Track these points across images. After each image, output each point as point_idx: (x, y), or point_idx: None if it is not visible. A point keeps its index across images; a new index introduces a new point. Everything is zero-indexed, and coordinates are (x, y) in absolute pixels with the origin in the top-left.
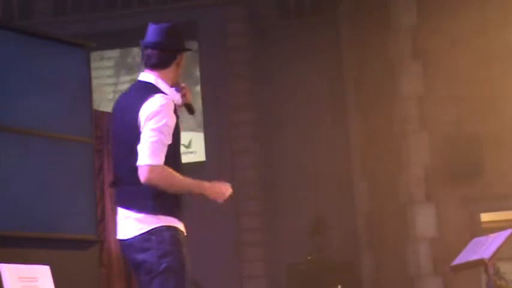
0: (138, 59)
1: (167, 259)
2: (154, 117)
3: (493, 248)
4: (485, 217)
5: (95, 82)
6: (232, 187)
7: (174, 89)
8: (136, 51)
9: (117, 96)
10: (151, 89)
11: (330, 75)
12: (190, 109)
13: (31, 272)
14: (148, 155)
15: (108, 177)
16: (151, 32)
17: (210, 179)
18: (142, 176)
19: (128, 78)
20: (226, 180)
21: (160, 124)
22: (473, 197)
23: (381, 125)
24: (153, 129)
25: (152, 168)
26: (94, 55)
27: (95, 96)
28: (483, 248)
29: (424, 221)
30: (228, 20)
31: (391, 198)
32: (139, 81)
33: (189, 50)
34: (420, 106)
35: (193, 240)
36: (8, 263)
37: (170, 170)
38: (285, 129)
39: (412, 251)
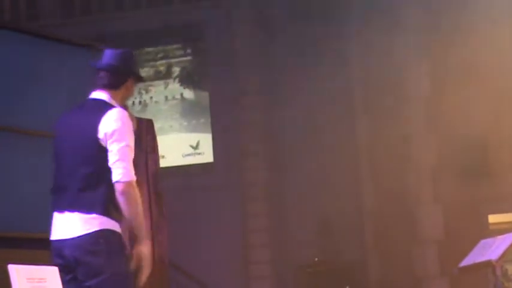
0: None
1: (116, 262)
2: (122, 132)
3: (500, 250)
4: (492, 219)
5: None
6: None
7: None
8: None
9: None
10: (106, 105)
11: (337, 75)
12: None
13: (39, 273)
14: (129, 170)
15: None
16: (106, 55)
17: (218, 180)
18: (123, 188)
19: None
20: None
21: (127, 137)
22: (481, 198)
23: (388, 125)
24: (127, 145)
25: (128, 183)
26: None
27: None
28: (491, 249)
29: (432, 222)
30: (235, 21)
31: (398, 200)
32: (92, 99)
33: (139, 76)
34: (428, 107)
35: (201, 241)
36: (17, 263)
37: (137, 191)
38: (293, 130)
39: (419, 252)
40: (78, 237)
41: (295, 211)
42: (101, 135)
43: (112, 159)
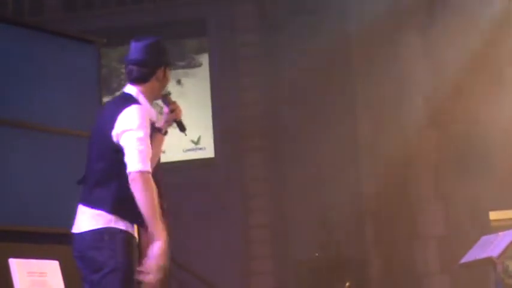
0: None
1: (116, 260)
2: (134, 128)
3: (501, 246)
4: (493, 215)
5: None
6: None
7: (162, 104)
8: None
9: None
10: (128, 100)
11: (339, 72)
12: (180, 126)
13: (40, 267)
14: (139, 160)
15: None
16: (132, 49)
17: (219, 175)
18: (131, 179)
19: None
20: (235, 176)
21: (139, 127)
22: (482, 195)
23: (389, 123)
24: (139, 138)
25: (141, 173)
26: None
27: None
28: (492, 246)
29: (433, 219)
30: (237, 17)
31: (399, 196)
32: (122, 92)
33: (168, 64)
34: (429, 103)
35: (201, 236)
36: (17, 257)
37: (154, 185)
38: (294, 126)
39: (420, 249)
40: (85, 232)
41: (296, 207)
42: (115, 131)
43: (125, 153)
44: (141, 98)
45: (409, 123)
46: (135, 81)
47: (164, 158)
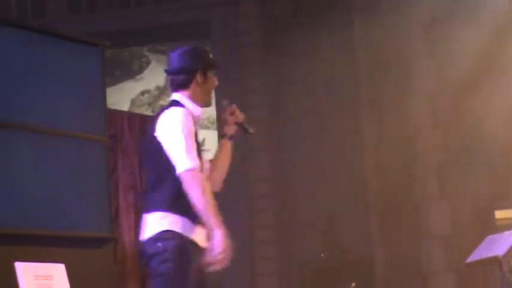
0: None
1: (166, 266)
2: (174, 129)
3: (507, 245)
4: (499, 214)
5: None
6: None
7: (225, 101)
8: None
9: None
10: (171, 105)
11: (342, 71)
12: (243, 128)
13: (46, 270)
14: (184, 159)
15: (122, 175)
16: (170, 59)
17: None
18: (182, 179)
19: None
20: (239, 177)
21: (182, 129)
22: (488, 193)
23: (394, 121)
24: (181, 138)
25: (190, 171)
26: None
27: None
28: (497, 245)
29: (438, 218)
30: (240, 18)
31: (404, 195)
32: (170, 100)
33: (208, 66)
34: (434, 103)
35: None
36: (23, 261)
37: (205, 183)
38: (298, 126)
39: (426, 248)
40: (145, 240)
41: (302, 207)
42: (157, 133)
43: (170, 155)
44: (184, 101)
45: (413, 123)
46: (176, 88)
47: None
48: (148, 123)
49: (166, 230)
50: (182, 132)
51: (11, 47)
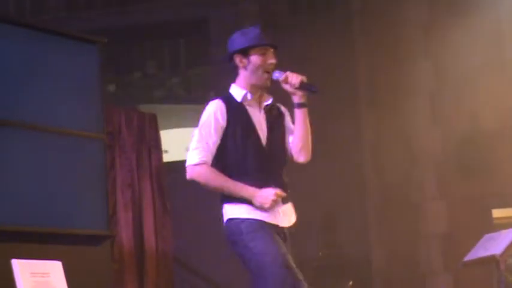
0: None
1: (247, 248)
2: (200, 122)
3: (504, 244)
4: (496, 213)
5: None
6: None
7: (276, 73)
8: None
9: None
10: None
11: (342, 71)
12: (307, 89)
13: (43, 267)
14: (188, 155)
15: (120, 173)
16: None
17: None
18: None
19: None
20: None
21: (200, 125)
22: (485, 193)
23: (393, 120)
24: (197, 133)
25: (189, 167)
26: None
27: None
28: (495, 244)
29: (436, 217)
30: (239, 16)
31: (402, 195)
32: None
33: (241, 48)
34: (433, 102)
35: (205, 236)
36: (20, 258)
37: (209, 170)
38: None
39: (424, 247)
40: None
41: (300, 205)
42: None
43: None
44: (232, 89)
45: (412, 123)
46: (233, 76)
47: (167, 158)
48: (145, 119)
49: (229, 218)
50: (199, 128)
51: (9, 44)
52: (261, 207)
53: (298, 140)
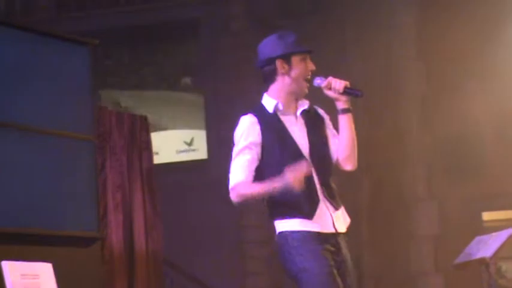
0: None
1: (286, 267)
2: (234, 141)
3: (495, 247)
4: (487, 216)
5: None
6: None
7: (317, 80)
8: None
9: None
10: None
11: (332, 73)
12: (350, 94)
13: (33, 269)
14: (230, 178)
15: (110, 174)
16: (258, 51)
17: (212, 176)
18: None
19: None
20: (228, 178)
21: (235, 145)
22: (476, 195)
23: (384, 122)
24: (234, 152)
25: (230, 191)
26: None
27: None
28: (485, 246)
29: (427, 219)
30: (230, 18)
31: (393, 196)
32: None
33: (285, 54)
34: (424, 104)
35: (195, 238)
36: (10, 260)
37: (239, 186)
38: None
39: (414, 248)
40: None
41: None
42: None
43: None
44: (265, 100)
45: (403, 124)
46: (265, 83)
47: (157, 160)
48: (136, 121)
49: (281, 231)
50: (235, 147)
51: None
52: (296, 188)
53: (344, 147)
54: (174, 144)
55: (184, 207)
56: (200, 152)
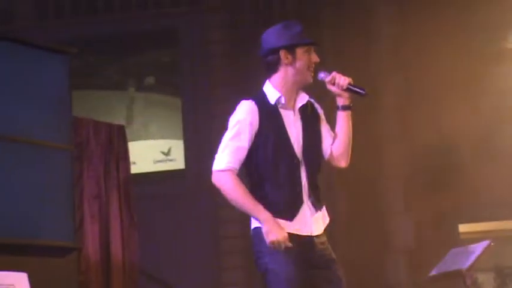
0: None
1: (257, 262)
2: (229, 125)
3: (471, 259)
4: (463, 228)
5: None
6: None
7: (321, 74)
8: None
9: None
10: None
11: (311, 85)
12: (353, 92)
13: (8, 279)
14: (216, 158)
15: (87, 184)
16: (261, 41)
17: (189, 187)
18: (212, 179)
19: None
20: (205, 188)
21: (230, 127)
22: (452, 207)
23: (361, 134)
24: (226, 137)
25: (214, 172)
26: None
27: None
28: (461, 258)
29: (402, 231)
30: (208, 27)
31: (369, 208)
32: None
33: (290, 45)
34: (400, 116)
35: (172, 248)
36: None
37: (232, 179)
38: None
39: (390, 261)
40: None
41: None
42: None
43: None
44: (267, 88)
45: (380, 136)
46: (267, 72)
47: (134, 169)
48: (114, 131)
49: (257, 227)
50: (228, 130)
51: None
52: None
53: (340, 144)
54: (151, 154)
55: (161, 218)
56: (178, 162)
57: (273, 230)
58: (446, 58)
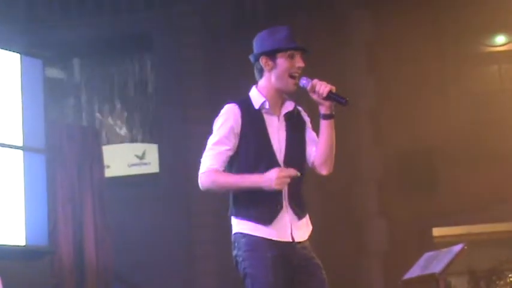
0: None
1: (237, 266)
2: (213, 129)
3: (444, 263)
4: (437, 231)
5: None
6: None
7: (303, 80)
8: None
9: None
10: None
11: None
12: (334, 100)
13: None
14: (203, 163)
15: (61, 187)
16: None
17: (164, 190)
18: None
19: None
20: (179, 192)
21: (214, 130)
22: (426, 211)
23: (336, 138)
24: (210, 142)
25: (199, 175)
26: None
27: None
28: (434, 262)
29: (377, 235)
30: (182, 31)
31: (344, 211)
32: None
33: (268, 51)
34: (374, 119)
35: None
36: None
37: (214, 172)
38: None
39: (364, 264)
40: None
41: None
42: None
43: None
44: (252, 93)
45: (354, 140)
46: (257, 79)
47: (108, 173)
48: (88, 134)
49: (238, 232)
50: (212, 135)
51: None
52: (275, 188)
53: (321, 152)
54: (125, 157)
55: (135, 221)
56: (152, 166)
57: (268, 176)
58: (421, 61)
